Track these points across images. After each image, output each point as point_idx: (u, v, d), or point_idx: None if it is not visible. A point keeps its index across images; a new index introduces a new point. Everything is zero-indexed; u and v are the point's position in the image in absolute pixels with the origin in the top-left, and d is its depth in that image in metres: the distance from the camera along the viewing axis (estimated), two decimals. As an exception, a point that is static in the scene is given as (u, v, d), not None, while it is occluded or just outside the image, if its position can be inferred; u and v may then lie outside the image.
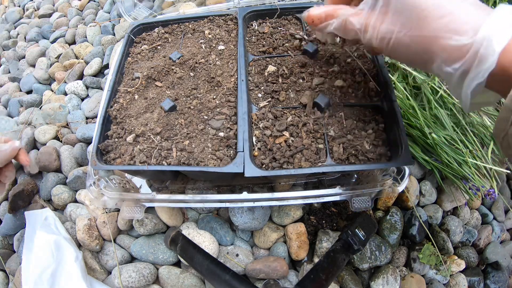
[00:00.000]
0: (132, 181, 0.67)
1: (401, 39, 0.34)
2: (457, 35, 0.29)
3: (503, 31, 0.27)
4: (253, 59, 0.63)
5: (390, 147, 0.51)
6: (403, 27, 0.33)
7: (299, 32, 0.65)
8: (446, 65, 0.31)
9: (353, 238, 0.59)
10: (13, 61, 1.19)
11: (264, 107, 0.56)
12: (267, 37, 0.66)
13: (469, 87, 0.30)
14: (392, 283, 0.65)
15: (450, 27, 0.30)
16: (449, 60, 0.30)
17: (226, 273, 0.55)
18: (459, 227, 0.73)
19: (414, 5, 0.32)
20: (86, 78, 0.97)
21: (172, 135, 0.55)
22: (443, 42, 0.30)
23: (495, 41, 0.27)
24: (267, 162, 0.50)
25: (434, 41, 0.31)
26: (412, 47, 0.33)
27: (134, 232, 0.71)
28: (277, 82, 0.59)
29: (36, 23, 1.28)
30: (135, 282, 0.63)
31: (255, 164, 0.49)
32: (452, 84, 0.32)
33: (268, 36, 0.67)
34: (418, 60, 0.34)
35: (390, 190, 0.56)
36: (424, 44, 0.32)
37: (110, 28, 1.09)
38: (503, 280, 0.73)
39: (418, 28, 0.32)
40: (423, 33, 0.31)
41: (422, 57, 0.33)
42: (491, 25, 0.28)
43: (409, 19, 0.32)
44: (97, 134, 0.56)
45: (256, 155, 0.51)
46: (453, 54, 0.30)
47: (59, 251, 0.64)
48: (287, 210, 0.68)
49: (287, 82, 0.58)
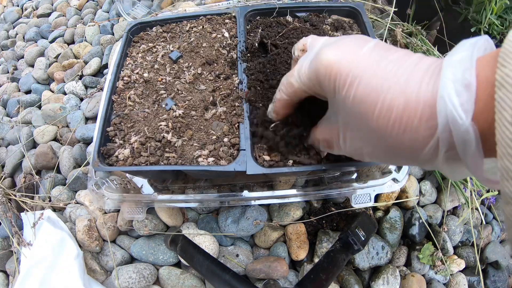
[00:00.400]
0: (133, 181, 0.67)
1: (372, 153, 0.30)
2: (418, 133, 0.24)
3: (460, 93, 0.21)
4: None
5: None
6: (367, 143, 0.29)
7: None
8: (432, 160, 0.25)
9: (353, 238, 0.59)
10: (12, 61, 1.19)
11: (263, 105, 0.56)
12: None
13: (473, 168, 0.23)
14: (393, 282, 0.65)
15: (408, 135, 0.24)
16: (427, 157, 0.25)
17: (226, 273, 0.55)
18: (459, 226, 0.73)
19: (365, 121, 0.27)
20: (85, 78, 0.97)
21: (174, 134, 0.54)
22: (411, 146, 0.25)
23: (459, 113, 0.21)
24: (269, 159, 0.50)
25: (403, 149, 0.26)
26: (388, 155, 0.29)
27: (134, 232, 0.71)
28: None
29: (35, 23, 1.28)
30: (135, 283, 0.63)
31: (257, 162, 0.49)
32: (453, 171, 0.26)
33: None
34: (404, 158, 0.28)
35: (389, 187, 0.57)
36: (397, 151, 0.27)
37: (109, 27, 1.09)
38: (503, 280, 0.73)
39: (381, 141, 0.27)
40: (388, 144, 0.26)
41: (405, 158, 0.27)
42: (446, 96, 0.21)
43: (367, 135, 0.28)
44: (98, 134, 0.56)
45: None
46: (425, 151, 0.24)
47: (61, 246, 0.64)
48: (287, 210, 0.68)
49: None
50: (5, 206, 0.75)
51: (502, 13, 0.76)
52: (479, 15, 0.76)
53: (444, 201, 0.74)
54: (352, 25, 0.69)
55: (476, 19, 0.77)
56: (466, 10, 0.79)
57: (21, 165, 0.85)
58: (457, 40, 0.25)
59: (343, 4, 0.70)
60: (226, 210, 0.69)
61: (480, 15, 0.76)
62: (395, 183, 0.61)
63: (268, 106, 0.46)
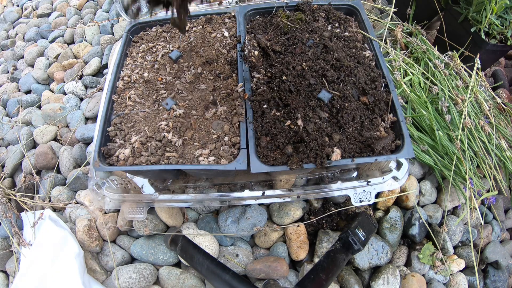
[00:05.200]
0: (134, 181, 0.67)
1: None
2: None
3: None
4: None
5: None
6: None
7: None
8: None
9: (353, 238, 0.59)
10: (12, 61, 1.19)
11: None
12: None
13: None
14: (393, 282, 0.65)
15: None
16: None
17: (226, 273, 0.55)
18: (459, 226, 0.73)
19: None
20: (85, 77, 0.97)
21: (174, 133, 0.54)
22: None
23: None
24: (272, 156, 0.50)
25: None
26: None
27: (134, 232, 0.70)
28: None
29: (35, 23, 1.28)
30: (136, 283, 0.63)
31: (261, 160, 0.49)
32: None
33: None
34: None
35: (390, 186, 0.57)
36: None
37: (109, 27, 1.09)
38: (503, 280, 0.73)
39: None
40: None
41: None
42: None
43: None
44: (98, 134, 0.56)
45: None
46: None
47: (62, 245, 0.64)
48: (287, 210, 0.68)
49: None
50: (5, 206, 0.75)
51: (502, 13, 0.76)
52: (479, 15, 0.76)
53: (444, 201, 0.74)
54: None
55: (476, 19, 0.77)
56: (466, 10, 0.79)
57: (21, 165, 0.85)
58: (457, 40, 0.25)
59: (342, 2, 0.71)
60: (226, 210, 0.69)
61: (480, 15, 0.76)
62: (395, 181, 0.61)
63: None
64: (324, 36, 0.64)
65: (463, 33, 0.80)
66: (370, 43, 0.64)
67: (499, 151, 0.74)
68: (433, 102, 0.76)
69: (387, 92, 0.57)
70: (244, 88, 0.57)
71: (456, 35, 0.83)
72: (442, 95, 0.73)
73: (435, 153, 0.71)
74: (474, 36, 0.78)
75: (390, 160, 0.56)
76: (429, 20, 0.95)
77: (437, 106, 0.73)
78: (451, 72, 0.79)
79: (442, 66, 0.77)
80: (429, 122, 0.71)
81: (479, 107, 0.78)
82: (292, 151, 0.50)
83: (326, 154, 0.48)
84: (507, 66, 1.06)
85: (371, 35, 0.64)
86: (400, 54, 0.78)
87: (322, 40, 0.63)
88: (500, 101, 0.83)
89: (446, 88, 0.74)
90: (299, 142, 0.51)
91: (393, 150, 0.52)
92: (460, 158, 0.68)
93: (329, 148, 0.49)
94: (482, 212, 0.78)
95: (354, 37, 0.65)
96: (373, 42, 0.63)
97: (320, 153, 0.48)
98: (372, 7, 1.00)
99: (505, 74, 0.99)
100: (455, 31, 0.83)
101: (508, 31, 0.77)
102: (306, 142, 0.50)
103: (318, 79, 0.56)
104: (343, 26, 0.68)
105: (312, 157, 0.48)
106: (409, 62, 0.77)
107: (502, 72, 0.99)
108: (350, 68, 0.58)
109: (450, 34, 0.85)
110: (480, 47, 0.78)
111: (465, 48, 0.81)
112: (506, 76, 0.99)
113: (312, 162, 0.48)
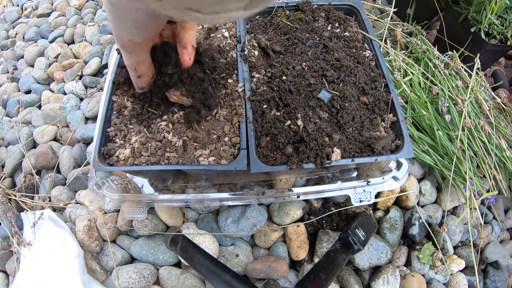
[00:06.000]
0: (134, 181, 0.67)
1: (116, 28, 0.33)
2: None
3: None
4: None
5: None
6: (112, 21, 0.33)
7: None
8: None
9: (353, 238, 0.59)
10: (12, 61, 1.19)
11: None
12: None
13: None
14: (393, 282, 0.65)
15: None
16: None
17: (226, 273, 0.55)
18: (458, 226, 0.73)
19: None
20: (85, 77, 0.97)
21: (174, 134, 0.54)
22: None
23: None
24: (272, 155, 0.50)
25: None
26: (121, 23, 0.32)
27: (134, 232, 0.71)
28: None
29: (35, 23, 1.28)
30: (136, 283, 0.63)
31: (261, 161, 0.49)
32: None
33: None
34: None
35: (390, 185, 0.57)
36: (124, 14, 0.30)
37: (109, 27, 1.09)
38: (503, 280, 0.73)
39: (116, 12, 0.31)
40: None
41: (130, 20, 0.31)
42: None
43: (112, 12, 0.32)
44: (98, 134, 0.56)
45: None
46: None
47: (62, 245, 0.64)
48: (287, 210, 0.68)
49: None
50: (5, 206, 0.75)
51: (502, 13, 0.76)
52: (479, 15, 0.76)
53: (444, 201, 0.74)
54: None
55: (476, 19, 0.77)
56: (466, 10, 0.79)
57: (21, 165, 0.85)
58: (457, 40, 0.25)
59: (342, 2, 0.71)
60: (226, 210, 0.69)
61: (480, 15, 0.76)
62: (395, 181, 0.61)
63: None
64: (324, 36, 0.64)
65: (463, 33, 0.80)
66: (370, 43, 0.64)
67: (499, 151, 0.74)
68: (433, 102, 0.76)
69: (387, 92, 0.57)
70: (244, 88, 0.57)
71: (456, 35, 0.83)
72: (442, 95, 0.74)
73: (435, 153, 0.71)
74: (474, 36, 0.78)
75: (390, 160, 0.56)
76: (429, 20, 0.95)
77: (437, 106, 0.73)
78: (451, 72, 0.79)
79: (442, 66, 0.77)
80: (429, 122, 0.71)
81: (479, 107, 0.78)
82: (292, 151, 0.50)
83: (326, 154, 0.48)
84: (507, 66, 1.07)
85: (371, 35, 0.64)
86: (400, 54, 0.78)
87: (322, 40, 0.63)
88: (500, 101, 0.83)
89: (446, 88, 0.74)
90: (299, 142, 0.51)
91: (393, 150, 0.52)
92: (460, 158, 0.68)
93: (329, 148, 0.49)
94: (482, 212, 0.78)
95: (354, 37, 0.65)
96: (373, 42, 0.63)
97: (320, 153, 0.48)
98: (372, 7, 1.00)
99: (505, 74, 0.99)
100: (455, 31, 0.83)
101: (508, 31, 0.77)
102: (306, 142, 0.50)
103: (318, 79, 0.56)
104: (343, 26, 0.68)
105: (312, 157, 0.48)
106: (409, 62, 0.78)
107: (502, 72, 0.99)
108: (350, 68, 0.58)
109: (450, 34, 0.85)
110: (480, 47, 0.78)
111: (465, 48, 0.81)
112: (506, 76, 0.99)
113: (312, 162, 0.48)
